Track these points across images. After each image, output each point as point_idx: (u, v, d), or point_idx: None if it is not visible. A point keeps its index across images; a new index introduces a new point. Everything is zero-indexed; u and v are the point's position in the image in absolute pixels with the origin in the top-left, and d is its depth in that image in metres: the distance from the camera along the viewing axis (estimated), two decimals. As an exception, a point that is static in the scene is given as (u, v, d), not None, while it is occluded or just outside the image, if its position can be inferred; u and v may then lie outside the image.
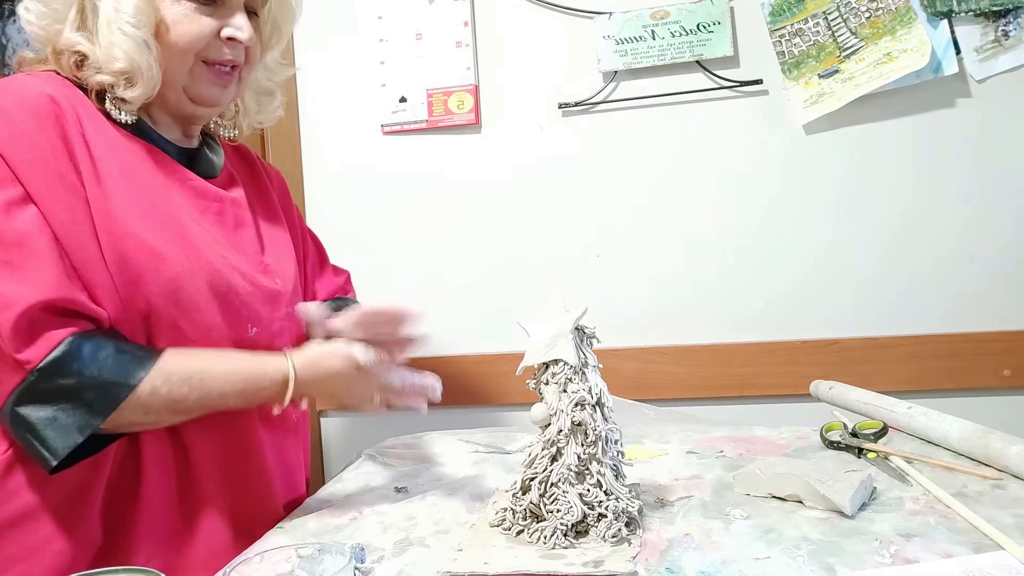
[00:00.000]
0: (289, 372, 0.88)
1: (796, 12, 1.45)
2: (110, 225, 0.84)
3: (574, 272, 1.55)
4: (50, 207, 0.81)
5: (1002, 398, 1.44)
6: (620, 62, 1.51)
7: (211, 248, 0.92)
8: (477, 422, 1.53)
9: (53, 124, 0.84)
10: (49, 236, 0.81)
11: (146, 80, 0.89)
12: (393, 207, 1.62)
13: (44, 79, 0.88)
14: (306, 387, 0.90)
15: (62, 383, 0.79)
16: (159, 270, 0.86)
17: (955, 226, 1.44)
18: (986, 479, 0.92)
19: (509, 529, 0.85)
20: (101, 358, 0.80)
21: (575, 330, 0.87)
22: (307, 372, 0.89)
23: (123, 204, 0.85)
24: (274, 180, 1.16)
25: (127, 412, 0.82)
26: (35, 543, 0.84)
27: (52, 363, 0.78)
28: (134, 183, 0.88)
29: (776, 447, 1.13)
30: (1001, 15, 1.39)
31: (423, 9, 1.59)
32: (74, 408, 0.79)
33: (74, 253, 0.82)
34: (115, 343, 0.83)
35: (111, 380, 0.81)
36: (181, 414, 0.86)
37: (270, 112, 1.10)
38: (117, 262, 0.84)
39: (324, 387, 0.92)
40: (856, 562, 0.73)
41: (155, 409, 0.83)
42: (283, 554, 0.68)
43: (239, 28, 0.93)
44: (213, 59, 0.93)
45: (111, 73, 0.88)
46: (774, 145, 1.49)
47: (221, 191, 0.99)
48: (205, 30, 0.91)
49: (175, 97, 0.95)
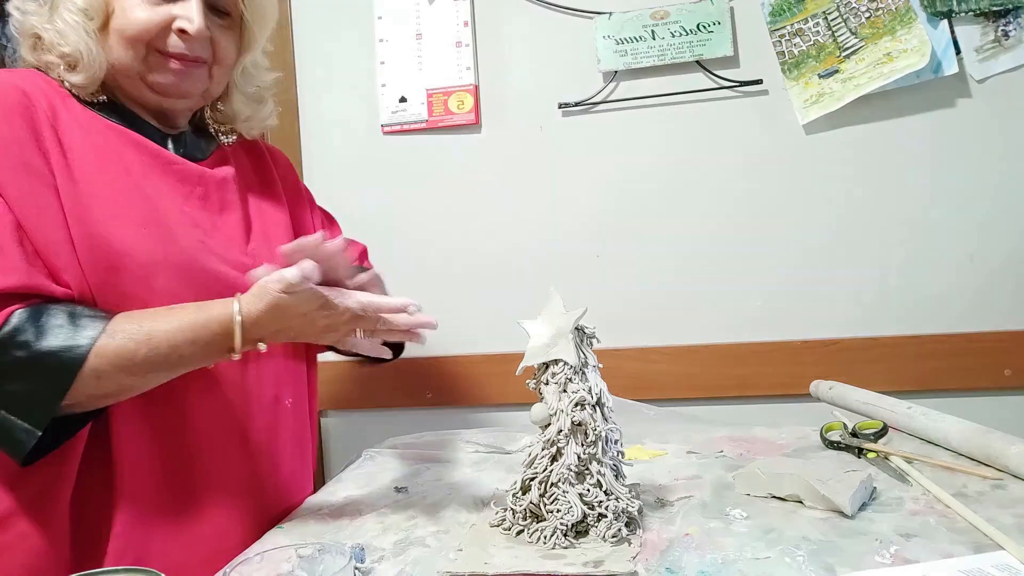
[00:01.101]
0: (234, 313, 0.83)
1: (796, 12, 1.45)
2: (81, 213, 0.84)
3: (574, 272, 1.55)
4: (15, 194, 0.82)
5: (1002, 398, 1.44)
6: (620, 62, 1.51)
7: (189, 234, 0.92)
8: (477, 422, 1.53)
9: (20, 114, 0.85)
10: (10, 222, 0.81)
11: (86, 65, 0.90)
12: (393, 207, 1.62)
13: (21, 75, 0.90)
14: (257, 326, 0.84)
15: (17, 355, 0.78)
16: (132, 256, 0.86)
17: (955, 226, 1.44)
18: (986, 479, 0.92)
19: (509, 529, 0.85)
20: (52, 325, 0.79)
21: (575, 330, 0.87)
22: (252, 308, 0.83)
23: (96, 193, 0.86)
24: (280, 164, 1.17)
25: (82, 380, 0.79)
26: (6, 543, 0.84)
27: (3, 337, 0.77)
28: (110, 171, 0.89)
29: (776, 447, 1.13)
30: (1001, 15, 1.39)
31: (423, 9, 1.59)
32: (37, 378, 0.78)
33: (38, 238, 0.82)
34: (68, 310, 0.81)
35: (64, 345, 0.79)
36: (137, 376, 0.83)
37: (262, 120, 1.10)
38: (88, 250, 0.84)
39: (275, 321, 0.85)
40: (856, 562, 0.73)
41: (106, 372, 0.80)
42: (283, 554, 0.68)
43: (189, 20, 0.92)
44: (165, 50, 0.93)
45: (57, 56, 0.90)
46: (774, 145, 1.49)
47: (206, 172, 1.00)
48: (154, 19, 0.92)
49: (133, 86, 0.95)
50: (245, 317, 0.84)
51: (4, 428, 0.78)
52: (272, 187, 1.11)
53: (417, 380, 1.60)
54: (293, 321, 0.85)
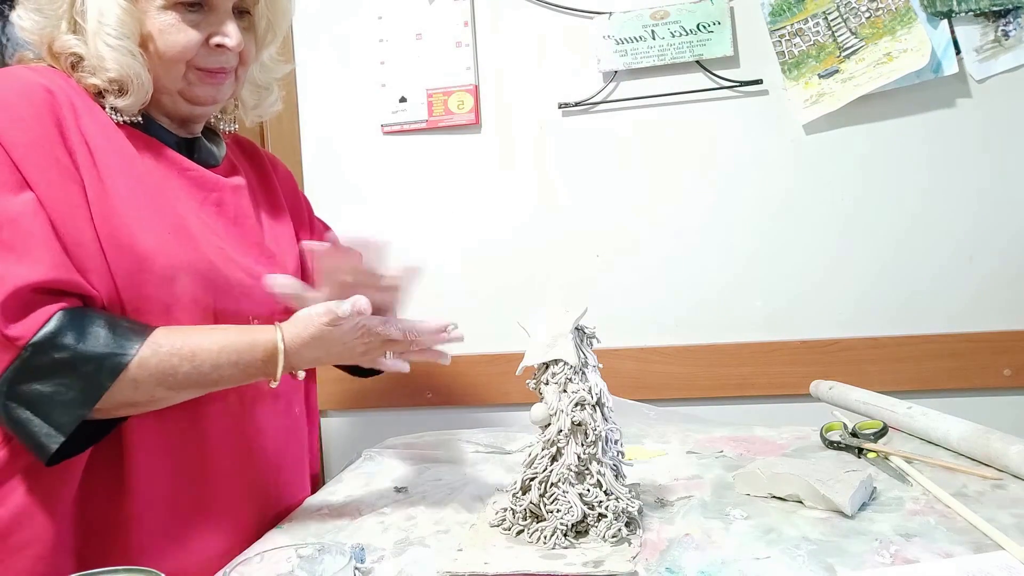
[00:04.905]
0: (278, 341, 0.85)
1: (796, 12, 1.45)
2: (107, 213, 0.84)
3: (574, 272, 1.55)
4: (47, 192, 0.81)
5: (1002, 398, 1.44)
6: (620, 62, 1.51)
7: (209, 240, 0.92)
8: (477, 422, 1.53)
9: (48, 112, 0.84)
10: (44, 219, 0.80)
11: (137, 88, 0.90)
12: (393, 207, 1.62)
13: (40, 71, 0.89)
14: (298, 355, 0.86)
15: (57, 357, 0.78)
16: (155, 261, 0.86)
17: (955, 226, 1.44)
18: (986, 479, 0.92)
19: (509, 529, 0.85)
20: (94, 331, 0.79)
21: (575, 330, 0.87)
22: (296, 339, 0.85)
23: (120, 195, 0.86)
24: (279, 170, 1.17)
25: (119, 388, 0.80)
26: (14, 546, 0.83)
27: (45, 337, 0.77)
28: (132, 174, 0.88)
29: (776, 447, 1.13)
30: (1001, 15, 1.39)
31: (423, 9, 1.59)
32: (73, 382, 0.78)
33: (69, 237, 0.82)
34: (107, 317, 0.82)
35: (106, 352, 0.79)
36: (173, 390, 0.83)
37: (268, 106, 1.10)
38: (113, 250, 0.84)
39: (317, 351, 0.87)
40: (856, 562, 0.73)
41: (145, 383, 0.81)
42: (283, 554, 0.68)
43: (227, 35, 0.92)
44: (204, 66, 0.93)
45: (104, 80, 0.89)
46: (774, 145, 1.49)
47: (221, 179, 0.99)
48: (192, 40, 0.91)
49: (170, 101, 0.95)
50: (288, 346, 0.85)
51: (29, 429, 0.78)
52: (275, 196, 1.11)
53: (417, 380, 1.60)
54: (333, 348, 0.87)
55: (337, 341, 0.86)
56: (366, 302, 0.84)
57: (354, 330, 0.86)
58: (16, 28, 0.93)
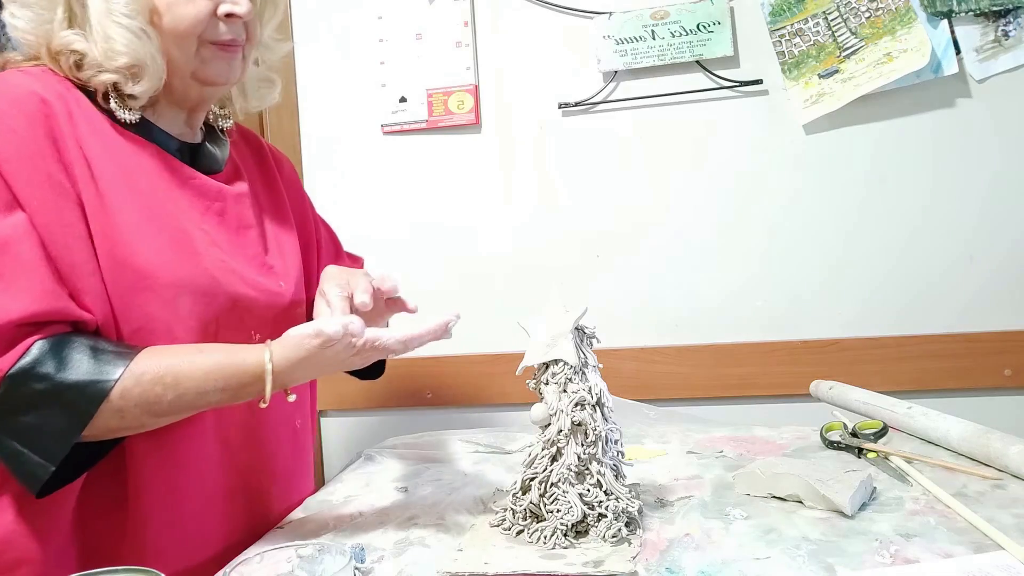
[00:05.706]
0: (266, 363, 0.81)
1: (796, 12, 1.45)
2: (106, 229, 0.82)
3: (574, 272, 1.55)
4: (39, 211, 0.78)
5: (1002, 398, 1.44)
6: (620, 62, 1.51)
7: (211, 253, 0.89)
8: (477, 422, 1.53)
9: (42, 123, 0.80)
10: (35, 242, 0.77)
11: (151, 72, 0.86)
12: (393, 207, 1.62)
13: (35, 76, 0.84)
14: (288, 376, 0.82)
15: (36, 387, 0.75)
16: (156, 277, 0.83)
17: (955, 226, 1.44)
18: (986, 479, 0.92)
19: (509, 529, 0.85)
20: (75, 357, 0.77)
21: (575, 330, 0.87)
22: (285, 361, 0.81)
23: (119, 208, 0.83)
24: (283, 168, 1.14)
25: (103, 416, 0.77)
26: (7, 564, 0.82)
27: (21, 369, 0.75)
28: (132, 186, 0.85)
29: (776, 447, 1.13)
30: (1001, 15, 1.39)
31: (423, 9, 1.59)
32: (57, 411, 0.76)
33: (62, 258, 0.79)
34: (90, 342, 0.79)
35: (88, 379, 0.76)
36: (161, 416, 0.81)
37: (269, 97, 1.07)
38: (112, 266, 0.81)
39: (307, 371, 0.83)
40: (856, 562, 0.73)
41: (130, 412, 0.78)
42: (283, 554, 0.67)
43: (236, 3, 0.89)
44: (215, 39, 0.89)
45: (115, 70, 0.85)
46: (774, 145, 1.49)
47: (224, 188, 0.96)
48: (202, 11, 0.87)
49: (182, 84, 0.91)
50: (277, 367, 0.81)
51: (19, 461, 0.76)
52: (279, 198, 1.08)
53: (417, 380, 1.60)
54: (326, 367, 0.84)
55: (329, 361, 0.82)
56: (360, 325, 0.80)
57: (347, 348, 0.81)
58: (9, 29, 0.88)
